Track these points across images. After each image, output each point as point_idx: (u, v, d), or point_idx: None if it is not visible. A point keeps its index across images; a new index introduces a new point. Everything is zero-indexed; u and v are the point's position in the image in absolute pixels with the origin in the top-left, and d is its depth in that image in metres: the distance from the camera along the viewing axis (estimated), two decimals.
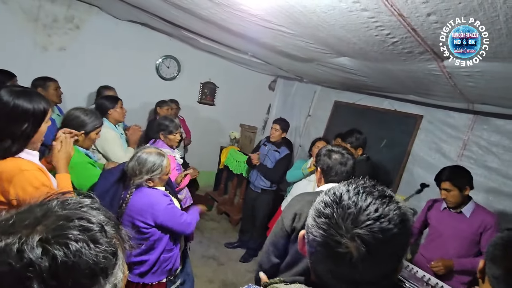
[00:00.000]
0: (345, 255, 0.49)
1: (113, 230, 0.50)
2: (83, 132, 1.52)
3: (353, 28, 1.37)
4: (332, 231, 0.51)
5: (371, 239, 0.48)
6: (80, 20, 3.14)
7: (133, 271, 1.51)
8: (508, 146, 2.40)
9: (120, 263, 0.49)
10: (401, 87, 2.46)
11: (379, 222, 0.49)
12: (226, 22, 1.91)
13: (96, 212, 0.50)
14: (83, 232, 0.45)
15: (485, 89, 1.74)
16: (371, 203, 0.51)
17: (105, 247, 0.46)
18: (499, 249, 0.76)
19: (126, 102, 2.65)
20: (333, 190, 0.57)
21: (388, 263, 0.51)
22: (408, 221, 0.53)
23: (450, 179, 1.81)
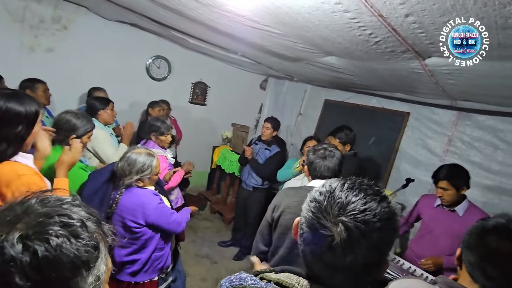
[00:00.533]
0: (327, 238, 0.53)
1: (95, 225, 0.52)
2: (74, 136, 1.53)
3: (337, 28, 1.41)
4: (319, 215, 0.55)
5: (353, 227, 0.51)
6: (67, 21, 3.11)
7: (125, 271, 1.52)
8: (489, 141, 2.49)
9: (102, 256, 0.51)
10: (387, 85, 2.52)
11: (364, 214, 0.52)
12: (214, 22, 1.94)
13: (76, 209, 0.51)
14: (63, 227, 0.47)
15: (465, 86, 1.80)
16: (361, 198, 0.54)
17: (87, 241, 0.48)
18: (473, 237, 0.81)
19: (117, 103, 2.65)
20: (330, 182, 0.60)
21: (367, 255, 0.52)
22: (395, 221, 0.56)
23: (448, 179, 1.80)
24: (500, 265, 0.75)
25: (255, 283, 0.61)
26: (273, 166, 2.77)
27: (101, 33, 3.30)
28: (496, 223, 0.81)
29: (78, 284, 0.46)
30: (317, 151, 1.44)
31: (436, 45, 1.30)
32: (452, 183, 1.79)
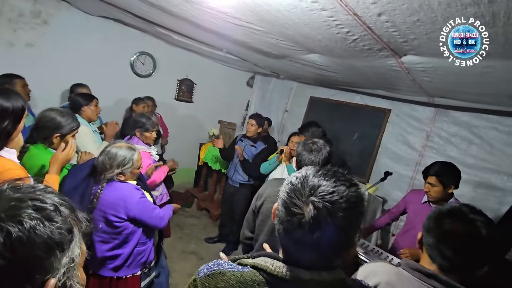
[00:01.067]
0: (298, 215, 0.57)
1: (68, 211, 0.54)
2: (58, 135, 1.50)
3: (316, 26, 1.44)
4: (292, 194, 0.59)
5: (321, 206, 0.56)
6: (47, 15, 3.02)
7: (107, 266, 1.52)
8: (465, 136, 2.60)
9: (76, 240, 0.54)
10: (369, 82, 2.59)
11: (332, 195, 0.56)
12: (197, 18, 1.94)
13: (50, 195, 0.54)
14: (36, 211, 0.49)
15: (440, 83, 1.88)
16: (331, 182, 0.59)
17: (60, 225, 0.51)
18: (431, 221, 0.88)
19: (101, 99, 2.59)
20: (305, 169, 0.65)
21: (333, 233, 0.56)
22: (362, 205, 0.60)
23: (437, 175, 1.81)
24: (454, 245, 0.82)
25: (232, 268, 0.64)
26: (260, 164, 2.81)
27: (83, 28, 3.22)
28: (451, 207, 0.88)
29: (52, 265, 0.49)
30: (306, 145, 1.48)
31: (409, 43, 1.36)
32: (440, 180, 1.79)
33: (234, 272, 0.62)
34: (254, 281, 0.61)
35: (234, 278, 0.61)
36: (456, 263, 0.82)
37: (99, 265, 1.51)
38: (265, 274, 0.61)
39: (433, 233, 0.86)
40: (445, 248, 0.82)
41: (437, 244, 0.84)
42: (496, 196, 2.34)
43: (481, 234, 0.79)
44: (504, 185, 2.31)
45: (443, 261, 0.83)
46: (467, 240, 0.81)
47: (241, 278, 0.61)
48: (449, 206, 0.89)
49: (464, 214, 0.84)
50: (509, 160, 2.32)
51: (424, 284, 0.83)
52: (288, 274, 0.60)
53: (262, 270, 0.62)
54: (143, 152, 2.19)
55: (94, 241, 1.49)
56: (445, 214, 0.86)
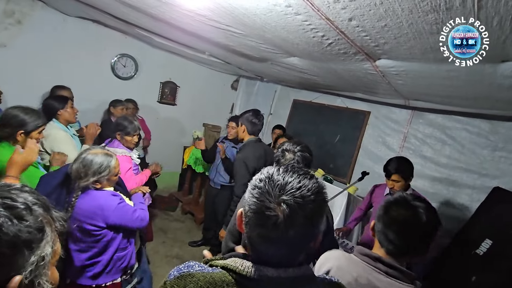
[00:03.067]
0: (272, 218, 0.58)
1: (42, 210, 0.56)
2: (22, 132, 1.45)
3: (292, 30, 1.48)
4: (263, 198, 0.60)
5: (293, 203, 0.58)
6: (22, 15, 2.91)
7: (85, 274, 1.46)
8: (439, 137, 2.72)
9: (48, 239, 0.55)
10: (348, 85, 2.67)
11: (300, 191, 0.59)
12: (177, 21, 1.93)
13: (24, 194, 0.55)
14: (6, 209, 0.51)
15: (412, 86, 1.97)
16: (295, 178, 0.61)
17: (30, 223, 0.52)
18: (381, 209, 0.97)
19: (80, 102, 2.54)
20: (266, 169, 0.66)
21: (304, 225, 0.60)
22: (324, 193, 0.64)
23: (399, 172, 1.99)
24: (397, 229, 0.90)
25: (202, 269, 0.64)
26: None
27: (60, 29, 3.13)
28: (397, 196, 0.97)
29: (18, 262, 0.50)
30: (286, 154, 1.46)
31: (381, 47, 1.41)
32: (402, 175, 1.99)
33: (203, 273, 0.62)
34: (223, 281, 0.61)
35: (203, 279, 0.61)
36: (399, 245, 0.89)
37: (77, 273, 1.46)
38: (234, 274, 0.62)
39: (381, 220, 0.94)
40: (390, 232, 0.90)
41: (384, 229, 0.92)
42: (467, 194, 2.46)
43: (421, 219, 0.88)
44: (474, 183, 2.43)
45: (389, 245, 0.91)
46: (409, 224, 0.89)
47: (210, 279, 0.61)
48: (397, 195, 0.97)
49: (407, 201, 0.93)
50: (478, 160, 2.44)
51: (370, 266, 0.91)
52: (256, 273, 0.61)
53: (231, 271, 0.62)
54: (123, 156, 2.15)
55: (71, 251, 1.44)
56: (392, 202, 0.95)
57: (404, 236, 0.89)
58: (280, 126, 3.61)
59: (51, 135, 2.00)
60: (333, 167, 3.44)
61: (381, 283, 0.87)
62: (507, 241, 1.96)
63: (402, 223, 0.90)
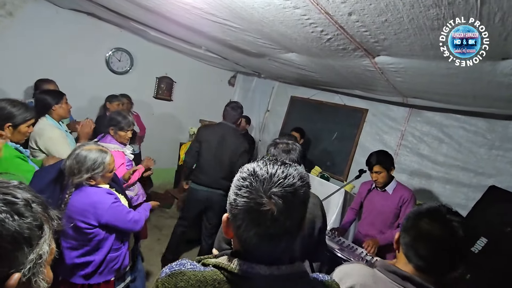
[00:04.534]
0: (267, 213, 0.57)
1: (40, 208, 0.56)
2: (10, 125, 1.41)
3: (291, 24, 1.45)
4: (253, 195, 0.58)
5: (284, 193, 0.58)
6: (13, 6, 2.83)
7: (78, 273, 1.44)
8: (436, 135, 2.72)
9: (46, 237, 0.55)
10: (346, 82, 2.64)
11: (287, 179, 0.59)
12: (172, 14, 1.89)
13: (22, 191, 0.55)
14: (7, 205, 0.51)
15: (411, 83, 1.95)
16: (277, 169, 0.61)
17: (30, 220, 0.52)
18: (409, 221, 0.88)
19: (73, 97, 2.47)
20: (245, 167, 0.64)
21: (300, 210, 0.61)
22: (306, 177, 0.64)
23: (379, 162, 2.07)
24: (429, 245, 0.82)
25: (194, 267, 0.64)
26: None
27: (53, 21, 3.06)
28: (429, 206, 0.88)
29: (18, 259, 0.50)
30: (279, 144, 1.45)
31: (380, 43, 1.39)
32: (383, 166, 2.07)
33: (195, 271, 0.62)
34: (214, 280, 0.60)
35: (194, 277, 0.60)
36: (431, 262, 0.82)
37: (69, 272, 1.43)
38: (226, 273, 0.61)
39: (410, 232, 0.86)
40: (421, 247, 0.82)
41: (413, 243, 0.84)
42: (463, 193, 2.46)
43: (457, 235, 0.80)
44: (470, 181, 2.44)
45: (419, 261, 0.83)
46: (443, 240, 0.81)
47: (202, 277, 0.60)
48: (428, 205, 0.89)
49: (441, 214, 0.84)
50: (475, 158, 2.44)
51: (399, 286, 0.83)
52: (248, 271, 0.60)
53: (223, 269, 0.61)
54: (116, 151, 2.11)
55: (62, 248, 1.41)
56: (423, 214, 0.86)
57: (438, 253, 0.81)
58: (298, 129, 3.37)
59: (44, 134, 1.95)
60: (330, 165, 3.43)
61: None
62: (502, 239, 1.96)
63: (437, 239, 0.81)
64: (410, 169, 2.81)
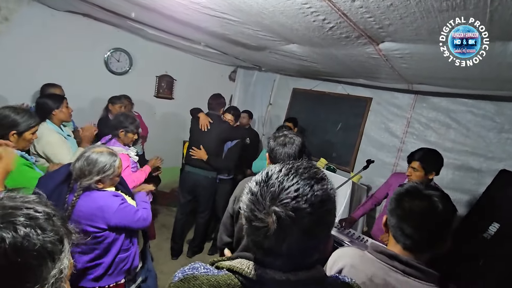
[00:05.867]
0: (262, 228, 0.53)
1: (60, 221, 0.56)
2: (14, 132, 1.40)
3: (291, 14, 1.40)
4: (253, 207, 0.55)
5: (284, 216, 0.52)
6: (8, 11, 2.80)
7: (87, 276, 1.44)
8: (443, 121, 2.67)
9: (66, 251, 0.55)
10: (349, 71, 2.59)
11: (295, 201, 0.52)
12: (169, 10, 1.85)
13: (41, 206, 0.55)
14: (30, 219, 0.50)
15: (416, 69, 1.90)
16: (295, 183, 0.54)
17: (52, 234, 0.52)
18: (392, 202, 0.90)
19: (74, 100, 2.45)
20: (267, 169, 0.59)
21: (300, 240, 0.54)
22: (330, 203, 0.56)
23: (421, 161, 1.85)
24: (413, 222, 0.84)
25: (207, 271, 0.62)
26: (233, 157, 2.80)
27: (49, 24, 3.02)
28: (408, 186, 0.90)
29: (42, 274, 0.49)
30: (277, 138, 1.42)
31: (385, 29, 1.34)
32: (423, 165, 1.84)
33: (208, 276, 0.60)
34: (228, 284, 0.58)
35: (207, 282, 0.58)
36: (417, 240, 0.84)
37: (79, 276, 1.43)
38: (240, 277, 0.59)
39: (395, 214, 0.88)
40: (406, 226, 0.84)
41: (398, 224, 0.86)
42: (474, 178, 2.42)
43: (437, 208, 0.82)
44: (480, 166, 2.39)
45: (406, 240, 0.85)
46: (425, 215, 0.83)
47: (215, 282, 0.58)
48: (407, 185, 0.91)
49: (419, 190, 0.86)
50: (484, 142, 2.40)
51: (386, 265, 0.85)
52: (263, 277, 0.57)
53: (237, 273, 0.59)
54: (121, 154, 2.10)
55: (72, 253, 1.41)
56: (403, 194, 0.88)
57: (422, 229, 0.83)
58: (291, 119, 3.34)
59: (43, 138, 1.94)
60: (336, 156, 3.40)
61: (398, 283, 0.82)
62: None
63: (418, 215, 0.83)
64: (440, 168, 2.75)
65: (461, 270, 2.09)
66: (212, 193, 2.87)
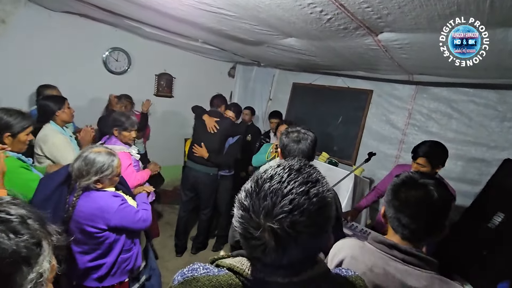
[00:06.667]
0: (259, 246, 0.52)
1: (37, 224, 0.53)
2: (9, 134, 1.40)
3: (288, 7, 1.39)
4: (246, 225, 0.53)
5: (282, 232, 0.49)
6: (5, 13, 2.80)
7: (91, 276, 1.45)
8: (445, 111, 2.64)
9: (45, 254, 0.52)
10: (349, 64, 2.57)
11: (292, 215, 0.49)
12: (165, 7, 1.83)
13: (15, 207, 0.52)
14: (1, 223, 0.47)
15: (416, 60, 1.87)
16: (289, 193, 0.51)
17: (26, 238, 0.49)
18: (389, 194, 0.91)
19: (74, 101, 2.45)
20: (257, 175, 0.57)
21: (301, 252, 0.53)
22: (326, 208, 0.53)
23: (427, 156, 1.77)
24: (409, 212, 0.84)
25: (207, 272, 0.60)
26: (233, 153, 2.81)
27: (47, 25, 3.01)
28: (404, 176, 0.90)
29: (17, 281, 0.46)
30: (290, 134, 1.40)
31: (384, 19, 1.32)
32: (430, 161, 1.77)
33: (209, 277, 0.58)
34: (230, 285, 0.57)
35: (208, 283, 0.57)
36: (414, 229, 0.84)
37: (83, 276, 1.44)
38: (241, 277, 0.58)
39: (392, 205, 0.89)
40: (403, 217, 0.85)
41: (396, 215, 0.87)
42: (477, 168, 2.40)
43: (433, 197, 0.82)
44: (483, 156, 2.37)
45: (403, 230, 0.86)
46: (420, 204, 0.83)
47: (216, 282, 0.57)
48: (402, 176, 0.91)
49: (415, 180, 0.87)
50: (487, 132, 2.37)
51: (385, 254, 0.86)
52: (265, 278, 0.56)
53: (238, 273, 0.58)
54: (122, 152, 2.10)
55: (74, 253, 1.41)
56: (399, 185, 0.89)
57: (418, 218, 0.83)
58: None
59: (48, 140, 1.95)
60: (337, 150, 3.39)
61: (398, 272, 0.82)
62: None
63: (414, 204, 0.83)
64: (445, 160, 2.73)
65: (465, 260, 2.09)
66: (213, 190, 2.88)
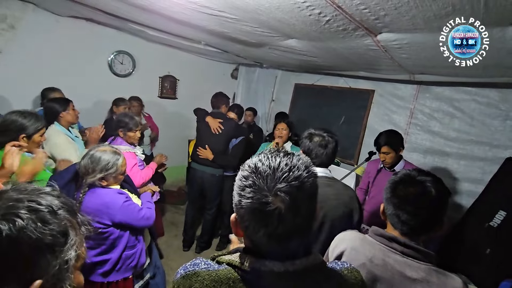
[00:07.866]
0: (274, 212, 0.54)
1: (68, 214, 0.56)
2: (24, 136, 1.45)
3: (287, 9, 1.42)
4: (258, 195, 0.55)
5: (290, 188, 0.54)
6: (14, 19, 2.88)
7: (96, 271, 1.50)
8: (447, 110, 2.64)
9: (72, 243, 0.55)
10: (350, 64, 2.59)
11: (292, 172, 0.55)
12: (168, 10, 1.88)
13: (50, 197, 0.56)
14: (30, 212, 0.51)
15: (417, 59, 1.89)
16: (280, 162, 0.57)
17: (53, 227, 0.53)
18: (388, 191, 0.93)
19: (79, 103, 2.52)
20: (246, 164, 0.61)
21: (309, 204, 0.58)
22: (311, 166, 0.60)
23: (388, 143, 2.05)
24: (408, 209, 0.87)
25: (208, 267, 0.63)
26: (237, 154, 2.83)
27: (54, 30, 3.09)
28: (401, 174, 0.93)
29: (41, 266, 0.50)
30: (314, 137, 1.42)
31: (381, 20, 1.35)
32: (392, 147, 2.06)
33: (209, 271, 0.61)
34: (229, 278, 0.60)
35: (208, 277, 0.60)
36: (413, 225, 0.87)
37: (88, 270, 1.49)
38: (239, 271, 0.60)
39: (390, 202, 0.91)
40: (402, 213, 0.88)
41: (395, 211, 0.90)
42: (479, 167, 2.40)
43: (430, 193, 0.85)
44: (485, 155, 2.37)
45: (403, 226, 0.88)
46: (418, 200, 0.86)
47: (216, 277, 0.60)
48: (401, 173, 0.94)
49: (412, 177, 0.89)
50: (489, 131, 2.37)
51: (385, 246, 0.89)
52: (261, 269, 0.58)
53: (236, 267, 0.61)
54: (127, 152, 2.15)
55: None
56: (397, 182, 0.91)
57: (417, 215, 0.86)
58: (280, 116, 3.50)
59: (50, 139, 2.01)
60: (340, 150, 3.35)
61: (397, 263, 0.85)
62: None
63: (412, 201, 0.86)
64: (423, 148, 2.75)
65: (468, 259, 2.09)
66: (218, 191, 2.92)
